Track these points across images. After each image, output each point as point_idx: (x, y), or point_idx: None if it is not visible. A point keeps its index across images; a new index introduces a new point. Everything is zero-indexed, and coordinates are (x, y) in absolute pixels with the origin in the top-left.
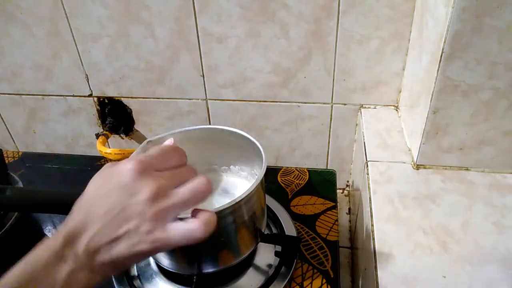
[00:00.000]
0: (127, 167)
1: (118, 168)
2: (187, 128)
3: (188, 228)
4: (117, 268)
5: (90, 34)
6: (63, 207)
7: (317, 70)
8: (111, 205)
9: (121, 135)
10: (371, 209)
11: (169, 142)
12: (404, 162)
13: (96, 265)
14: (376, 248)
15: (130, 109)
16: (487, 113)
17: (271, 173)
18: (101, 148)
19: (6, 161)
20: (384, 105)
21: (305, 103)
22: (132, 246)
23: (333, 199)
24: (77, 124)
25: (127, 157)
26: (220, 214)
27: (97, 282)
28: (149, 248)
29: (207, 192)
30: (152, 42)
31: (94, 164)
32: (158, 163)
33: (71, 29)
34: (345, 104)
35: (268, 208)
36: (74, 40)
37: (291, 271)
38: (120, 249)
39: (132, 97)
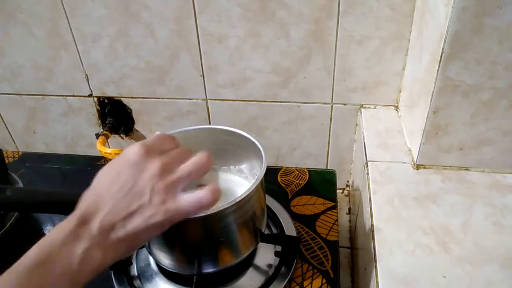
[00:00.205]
0: (133, 149)
1: (124, 153)
2: (187, 128)
3: (197, 196)
4: (133, 244)
5: (90, 34)
6: (63, 207)
7: (317, 70)
8: (122, 182)
9: (121, 135)
10: (371, 209)
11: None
12: (404, 162)
13: (112, 242)
14: (376, 248)
15: (130, 109)
16: (487, 113)
17: (271, 173)
18: (101, 148)
19: (6, 161)
20: (384, 105)
21: (305, 103)
22: (147, 219)
23: (333, 199)
24: (77, 124)
25: None
26: (220, 214)
27: (113, 259)
28: (162, 219)
29: (208, 164)
30: (152, 42)
31: (94, 164)
32: (159, 145)
33: (71, 29)
34: (345, 104)
35: (268, 208)
36: (74, 40)
37: (291, 271)
38: (135, 223)
39: (132, 97)
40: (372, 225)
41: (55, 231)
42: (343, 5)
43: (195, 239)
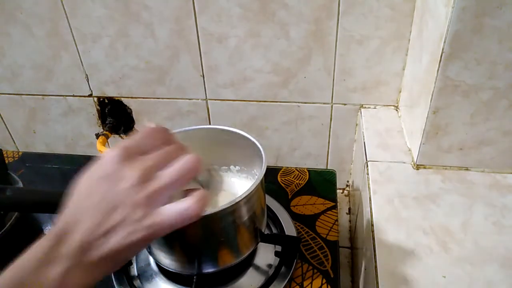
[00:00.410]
0: (109, 156)
1: (101, 159)
2: (187, 128)
3: (181, 207)
4: (116, 261)
5: (90, 34)
6: None
7: (317, 70)
8: (98, 197)
9: (121, 135)
10: (371, 209)
11: (153, 124)
12: (404, 162)
13: (92, 261)
14: (376, 248)
15: (130, 109)
16: (487, 113)
17: (271, 173)
18: (101, 148)
19: (6, 161)
20: (384, 105)
21: (305, 103)
22: (128, 236)
23: (333, 199)
24: (77, 124)
25: None
26: (220, 214)
27: (96, 279)
28: (145, 234)
29: (195, 168)
30: (152, 42)
31: None
32: (144, 145)
33: (71, 29)
34: (345, 104)
35: (268, 208)
36: (74, 40)
37: (291, 271)
38: (116, 240)
39: (132, 97)
40: (372, 225)
41: (30, 252)
42: (343, 5)
43: (195, 239)
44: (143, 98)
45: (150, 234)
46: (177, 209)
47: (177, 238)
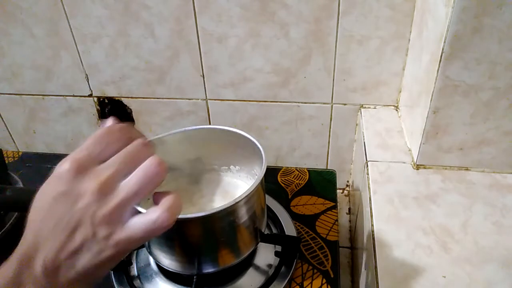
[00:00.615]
0: (62, 170)
1: (54, 174)
2: (187, 128)
3: (149, 220)
4: (89, 280)
5: (90, 34)
6: None
7: (317, 70)
8: (57, 217)
9: None
10: (371, 209)
11: (109, 122)
12: (404, 162)
13: (62, 284)
14: (376, 248)
15: (130, 109)
16: (487, 113)
17: (271, 173)
18: None
19: (6, 161)
20: (384, 105)
21: (305, 103)
22: (95, 257)
23: (333, 199)
24: (77, 124)
25: None
26: (220, 214)
27: None
28: (113, 252)
29: (160, 174)
30: (152, 42)
31: None
32: (99, 151)
33: (71, 29)
34: (345, 104)
35: (268, 208)
36: (74, 40)
37: (291, 271)
38: (84, 261)
39: (132, 97)
40: (372, 225)
41: None
42: (343, 5)
43: (195, 239)
44: (143, 98)
45: (119, 251)
46: (144, 222)
47: (177, 238)
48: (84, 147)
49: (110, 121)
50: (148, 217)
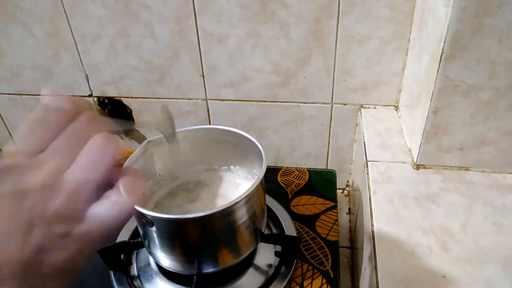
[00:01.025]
0: (1, 167)
1: None
2: (187, 128)
3: (110, 204)
4: (66, 275)
5: (90, 34)
6: None
7: (317, 70)
8: (6, 221)
9: (121, 135)
10: (371, 209)
11: (44, 92)
12: (404, 162)
13: (37, 283)
14: (376, 248)
15: (130, 109)
16: (487, 113)
17: (271, 173)
18: None
19: None
20: (384, 105)
21: (305, 103)
22: (61, 251)
23: (333, 199)
24: None
25: (127, 157)
26: (220, 214)
27: None
28: (80, 246)
29: (108, 153)
30: (152, 42)
31: None
32: (36, 140)
33: (71, 29)
34: (345, 104)
35: (268, 208)
36: (74, 40)
37: (291, 271)
38: (52, 258)
39: (132, 97)
40: (372, 225)
41: None
42: (343, 5)
43: (195, 239)
44: (143, 98)
45: (86, 243)
46: (106, 208)
47: (177, 238)
48: (19, 137)
49: (47, 96)
50: (108, 203)
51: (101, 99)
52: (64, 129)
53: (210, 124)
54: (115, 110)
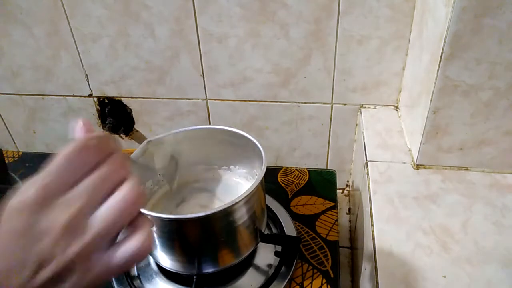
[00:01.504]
0: (25, 199)
1: (15, 204)
2: (187, 128)
3: (130, 249)
4: None
5: (90, 34)
6: None
7: (317, 70)
8: (15, 257)
9: (121, 135)
10: (371, 209)
11: (79, 132)
12: (404, 162)
13: None
14: (376, 248)
15: (130, 109)
16: (487, 113)
17: (271, 173)
18: None
19: (6, 161)
20: (384, 105)
21: (305, 103)
22: (75, 284)
23: (333, 199)
24: None
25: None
26: (220, 214)
27: None
28: (94, 279)
29: (137, 203)
30: (152, 42)
31: None
32: (69, 175)
33: (71, 29)
34: (345, 104)
35: (268, 208)
36: (74, 40)
37: (291, 271)
38: (64, 285)
39: (132, 97)
40: (372, 225)
41: None
42: (343, 5)
43: (195, 239)
44: (143, 98)
45: (100, 278)
46: (126, 253)
47: (177, 238)
48: (54, 169)
49: (81, 131)
50: (129, 248)
51: (101, 99)
52: (94, 169)
53: (210, 124)
54: (115, 110)
